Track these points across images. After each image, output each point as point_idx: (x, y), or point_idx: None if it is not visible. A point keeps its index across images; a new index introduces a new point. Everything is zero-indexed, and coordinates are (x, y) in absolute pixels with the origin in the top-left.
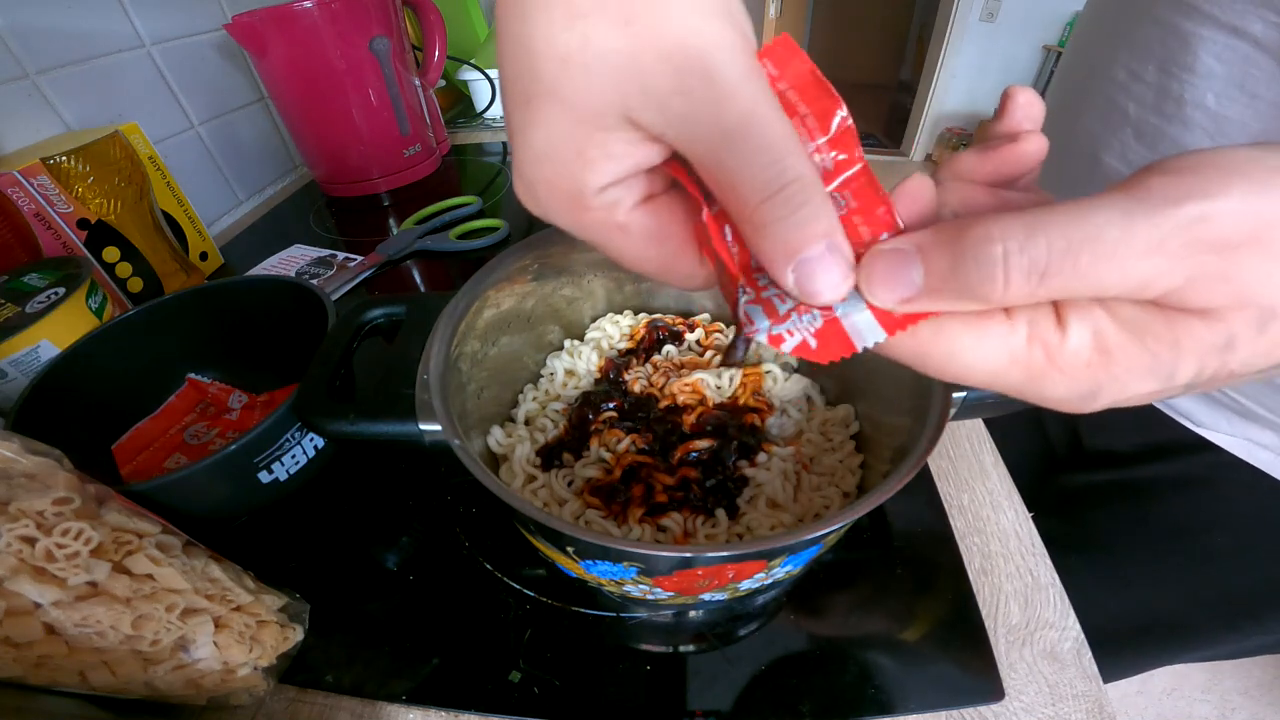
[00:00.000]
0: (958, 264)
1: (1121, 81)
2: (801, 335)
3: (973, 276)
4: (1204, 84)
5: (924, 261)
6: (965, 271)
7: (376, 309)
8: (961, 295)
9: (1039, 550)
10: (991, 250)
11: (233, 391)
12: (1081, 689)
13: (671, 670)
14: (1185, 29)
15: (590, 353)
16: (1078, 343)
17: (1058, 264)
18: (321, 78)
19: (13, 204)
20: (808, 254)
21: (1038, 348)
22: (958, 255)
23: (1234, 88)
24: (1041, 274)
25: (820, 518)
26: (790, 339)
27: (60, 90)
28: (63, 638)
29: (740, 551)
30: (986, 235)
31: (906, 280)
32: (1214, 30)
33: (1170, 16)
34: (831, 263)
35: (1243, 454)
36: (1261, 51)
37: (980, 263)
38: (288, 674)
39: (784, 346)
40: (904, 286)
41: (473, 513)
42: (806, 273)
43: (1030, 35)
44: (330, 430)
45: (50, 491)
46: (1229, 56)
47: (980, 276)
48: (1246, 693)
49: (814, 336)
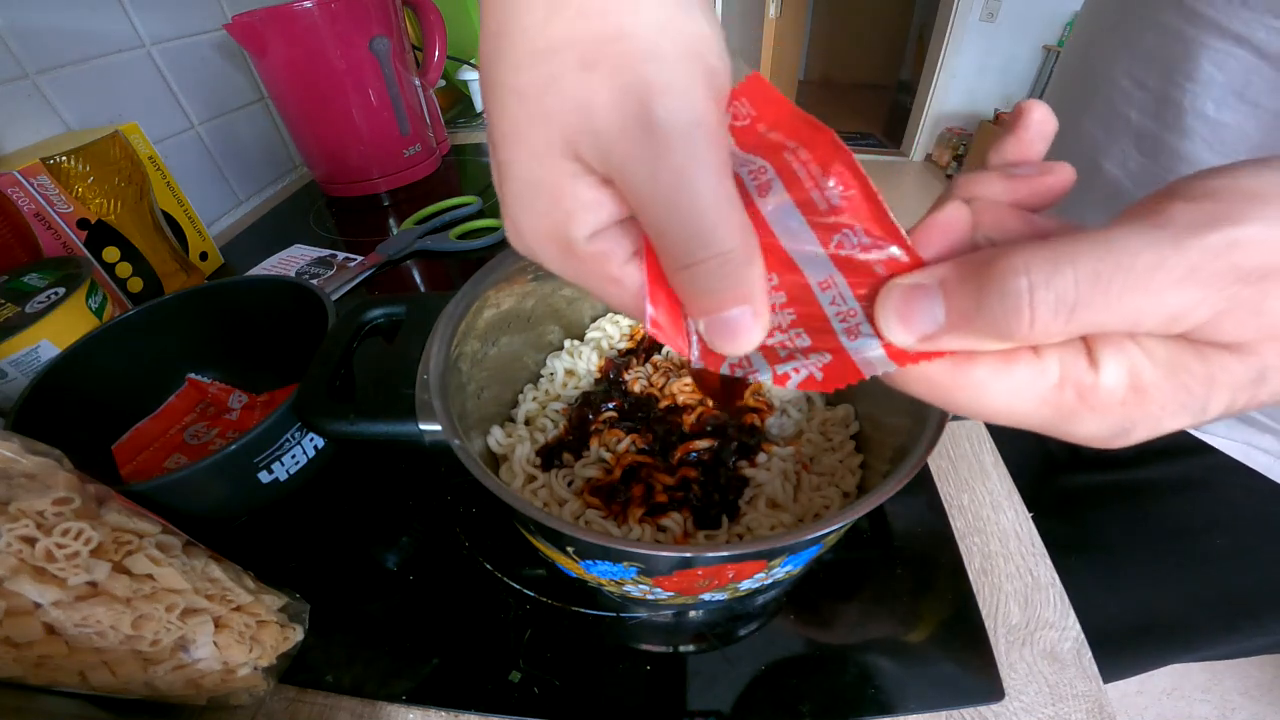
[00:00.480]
0: (982, 300)
1: (1124, 88)
2: (808, 371)
3: (997, 312)
4: (1204, 92)
5: (945, 297)
6: (989, 307)
7: (376, 309)
8: (986, 333)
9: (1039, 550)
10: (1017, 284)
11: (233, 391)
12: (1081, 689)
13: (671, 670)
14: (1188, 35)
15: (590, 353)
16: (1113, 382)
17: (1087, 297)
18: (321, 78)
19: (13, 204)
20: (721, 315)
21: (1070, 389)
22: (982, 291)
23: (1233, 96)
24: (1071, 308)
25: (820, 518)
26: (795, 376)
27: (60, 90)
28: (63, 638)
29: (740, 551)
30: (1011, 268)
31: (927, 317)
32: (1217, 38)
33: (1174, 22)
34: (741, 325)
35: (1241, 457)
36: (1264, 60)
37: (1005, 297)
38: (288, 674)
39: (789, 384)
40: (924, 323)
41: (473, 513)
42: (716, 329)
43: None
44: (330, 430)
45: (50, 491)
46: (1230, 64)
47: (1005, 311)
48: (1246, 693)
49: (820, 370)
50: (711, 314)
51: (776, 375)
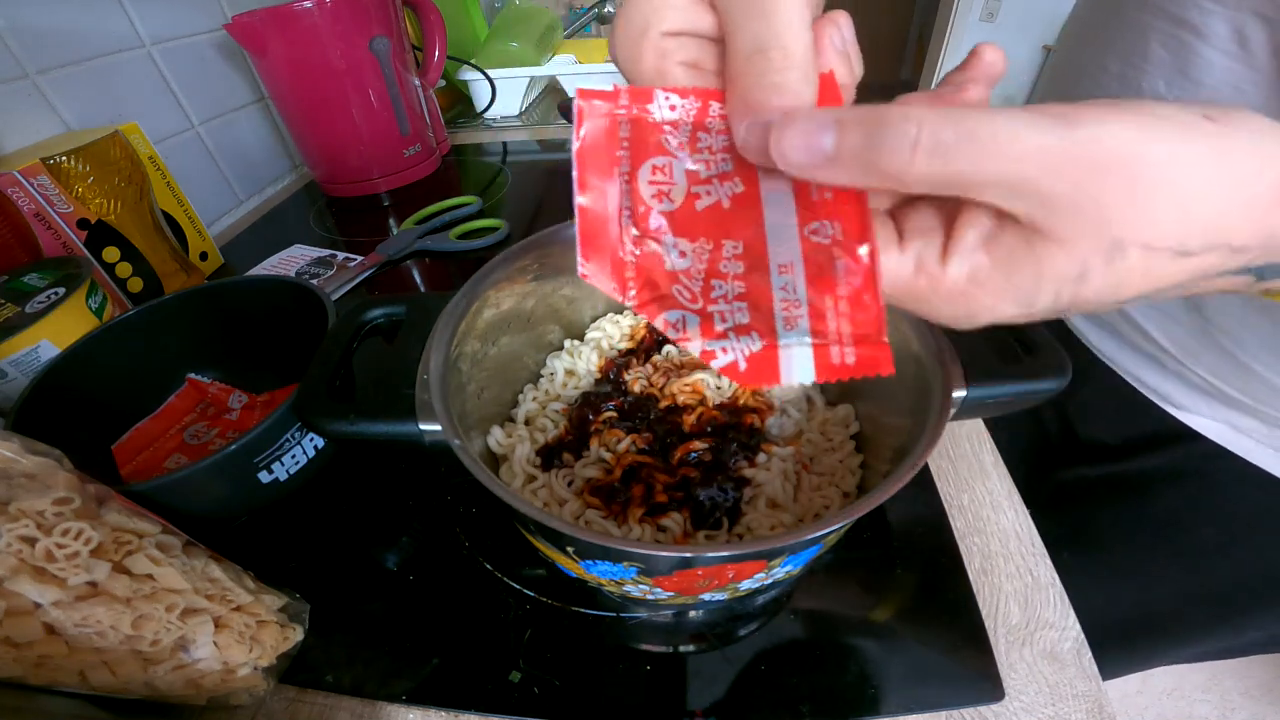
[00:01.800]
0: (871, 136)
1: (1092, 74)
2: (735, 355)
3: (883, 148)
4: (1156, 72)
5: (839, 131)
6: (877, 143)
7: (376, 309)
8: (868, 167)
9: (1039, 550)
10: (907, 128)
11: (233, 391)
12: (1081, 689)
13: (671, 670)
14: (1143, 20)
15: (590, 353)
16: (955, 274)
17: (959, 149)
18: (321, 78)
19: (13, 204)
20: (763, 119)
21: (923, 277)
22: (873, 129)
23: (1179, 75)
24: (945, 157)
25: (820, 518)
26: (722, 356)
27: (60, 90)
28: (63, 638)
29: (740, 551)
30: (904, 115)
31: (817, 146)
32: (1162, 20)
33: (1125, 8)
34: (783, 133)
35: (1227, 442)
36: (1200, 40)
37: (893, 137)
38: (288, 674)
39: (714, 363)
40: (814, 153)
41: (473, 513)
42: (757, 134)
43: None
44: (330, 430)
45: (50, 491)
46: (1174, 45)
47: (890, 149)
48: (1247, 693)
49: (746, 360)
50: (755, 110)
51: (705, 350)
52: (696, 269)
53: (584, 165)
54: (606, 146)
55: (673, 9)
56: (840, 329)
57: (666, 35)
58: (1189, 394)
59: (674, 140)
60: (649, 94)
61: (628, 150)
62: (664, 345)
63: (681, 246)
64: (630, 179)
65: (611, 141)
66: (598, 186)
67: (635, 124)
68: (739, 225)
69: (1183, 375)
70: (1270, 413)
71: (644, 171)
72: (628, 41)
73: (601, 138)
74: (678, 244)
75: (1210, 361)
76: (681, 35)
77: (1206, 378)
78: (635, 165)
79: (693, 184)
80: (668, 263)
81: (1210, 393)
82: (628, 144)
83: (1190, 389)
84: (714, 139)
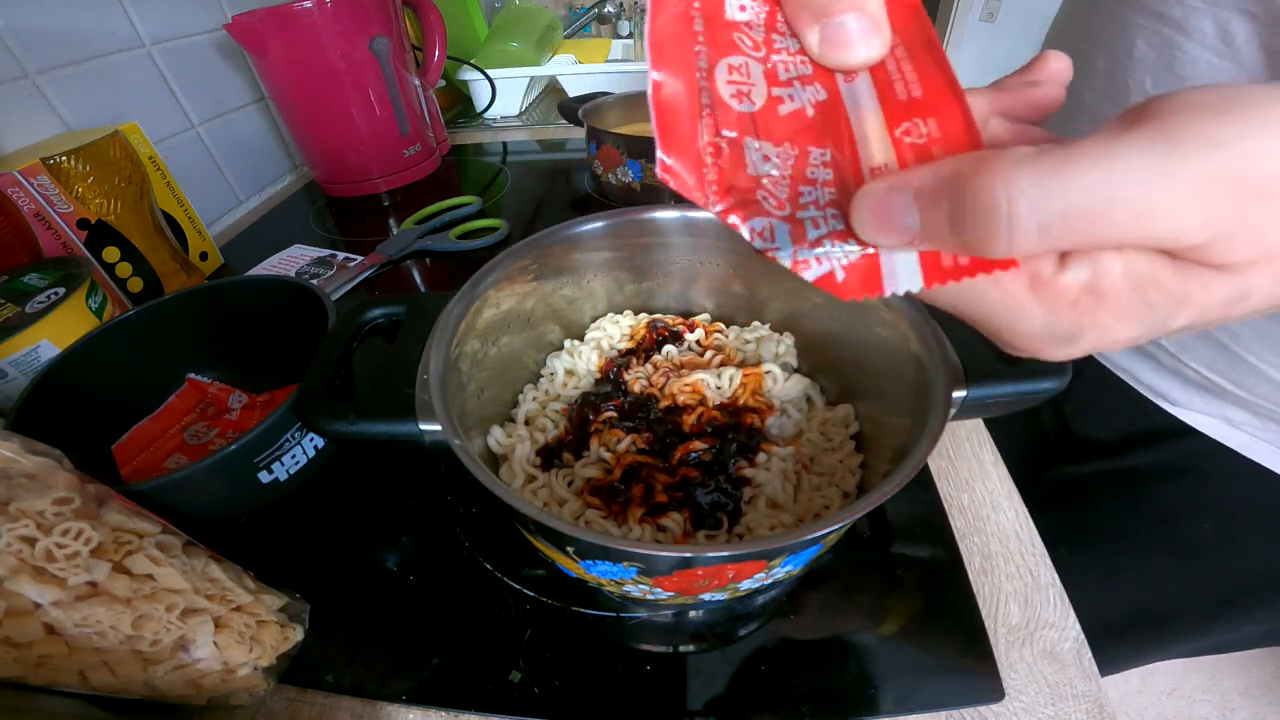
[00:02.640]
0: (957, 218)
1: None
2: (830, 265)
3: (971, 231)
4: (1141, 68)
5: (920, 207)
6: (964, 225)
7: (376, 309)
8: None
9: (1039, 550)
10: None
11: (233, 391)
12: (1081, 689)
13: (671, 670)
14: (1122, 16)
15: (590, 353)
16: (1072, 279)
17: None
18: (321, 78)
19: (13, 204)
20: (835, 19)
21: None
22: (956, 206)
23: (1165, 71)
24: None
25: (820, 518)
26: (816, 267)
27: (60, 90)
28: (63, 638)
29: (740, 551)
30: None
31: (900, 226)
32: (1145, 17)
33: (1110, 4)
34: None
35: (1221, 436)
36: (1185, 36)
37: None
38: (288, 674)
39: (806, 274)
40: (897, 232)
41: (473, 513)
42: (829, 34)
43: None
44: (330, 430)
45: (50, 491)
46: (1158, 41)
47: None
48: (1247, 693)
49: (844, 269)
50: (823, 18)
51: (797, 260)
52: (783, 174)
53: (658, 56)
54: (682, 38)
55: None
56: None
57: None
58: (1184, 389)
59: (748, 40)
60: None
61: (704, 45)
62: (664, 345)
63: (765, 150)
64: (709, 78)
65: (686, 34)
66: (674, 81)
67: (709, 20)
68: (825, 132)
69: (1177, 370)
70: (1264, 405)
71: (721, 70)
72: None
73: (676, 26)
74: (761, 147)
75: (1204, 354)
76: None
77: (1201, 371)
78: (713, 63)
79: (773, 86)
80: (750, 167)
81: (1205, 387)
82: (703, 39)
83: (1185, 384)
84: (788, 41)
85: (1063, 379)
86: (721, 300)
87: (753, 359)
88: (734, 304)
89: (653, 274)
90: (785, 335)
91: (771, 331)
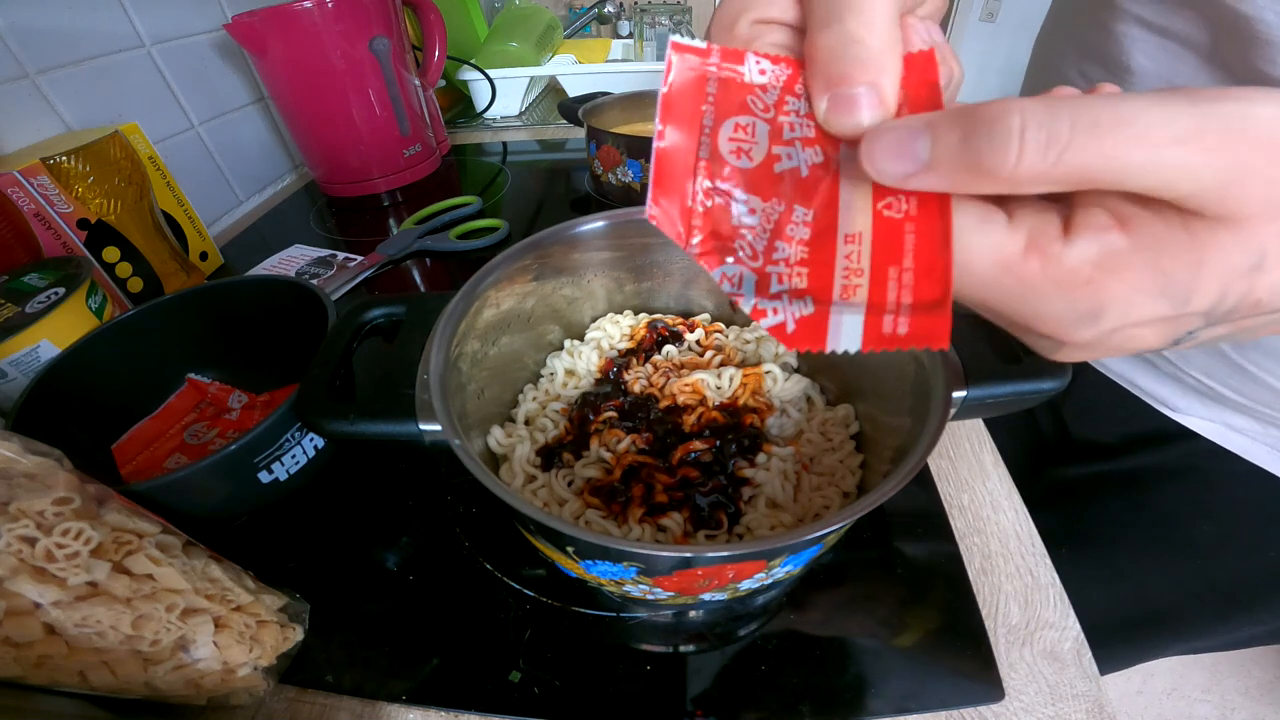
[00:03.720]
0: (970, 135)
1: (1073, 82)
2: (784, 316)
3: (984, 146)
4: (1140, 83)
5: (932, 135)
6: (976, 142)
7: (376, 309)
8: (969, 169)
9: (1039, 550)
10: (1009, 121)
11: (233, 391)
12: (1081, 689)
13: (671, 670)
14: (1118, 30)
15: (590, 353)
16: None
17: (1081, 141)
18: (321, 78)
19: (13, 204)
20: (845, 90)
21: (1035, 257)
22: (970, 127)
23: (1164, 85)
24: (1061, 149)
25: (820, 518)
26: (772, 316)
27: (60, 90)
28: (63, 638)
29: (740, 551)
30: (1005, 109)
31: (910, 153)
32: (1142, 30)
33: (1105, 18)
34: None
35: (1220, 439)
36: (1186, 48)
37: (994, 133)
38: (288, 674)
39: (763, 322)
40: (908, 160)
41: (473, 513)
42: (838, 101)
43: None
44: (330, 430)
45: (50, 491)
46: (1158, 55)
47: (992, 146)
48: (1247, 693)
49: (795, 322)
50: (836, 87)
51: (756, 308)
52: (763, 228)
53: (667, 112)
54: (692, 98)
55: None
56: (900, 299)
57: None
58: (1184, 396)
59: (760, 103)
60: (740, 56)
61: (713, 105)
62: (664, 345)
63: (752, 204)
64: (712, 134)
65: (698, 94)
66: (677, 135)
67: (724, 83)
68: (813, 193)
69: (1177, 377)
70: (1266, 412)
71: (726, 128)
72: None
73: (688, 88)
74: (749, 200)
75: (1203, 363)
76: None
77: (1201, 379)
78: (718, 121)
79: (774, 145)
80: (734, 218)
81: (1205, 394)
82: (713, 99)
83: (1185, 390)
84: (800, 103)
85: (1063, 379)
86: (721, 300)
87: (753, 359)
88: None
89: (653, 274)
90: None
91: None
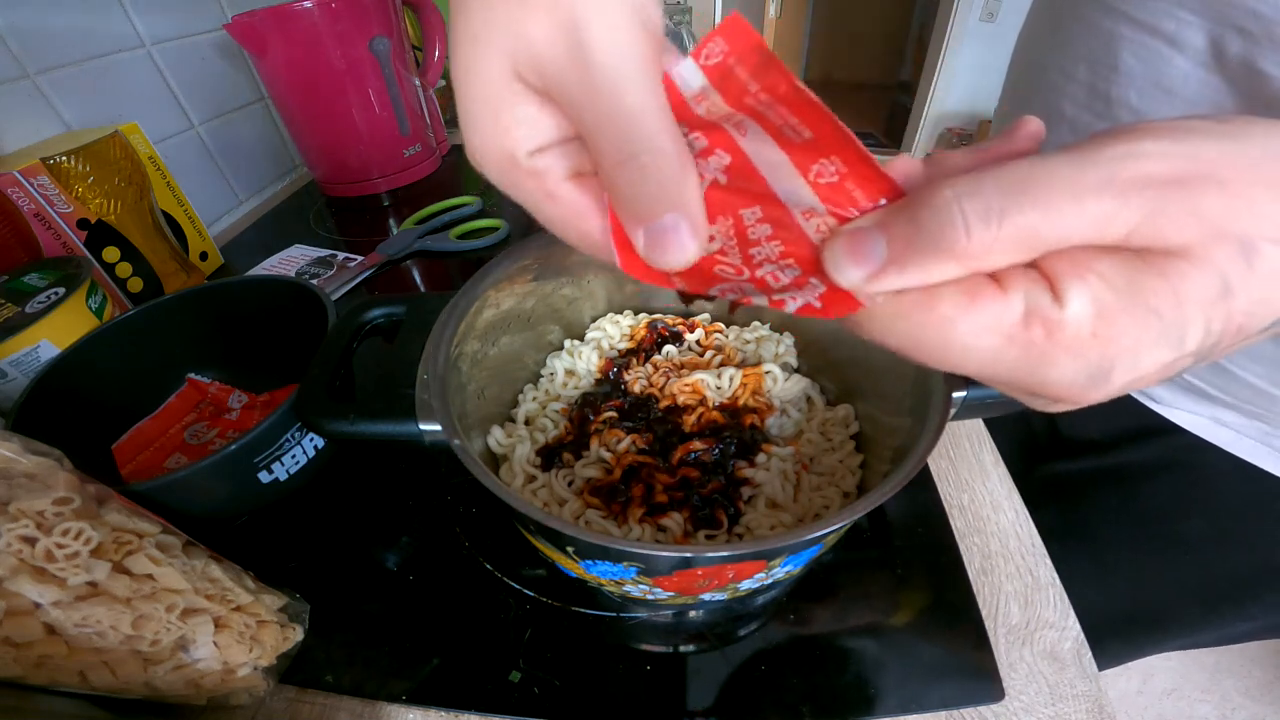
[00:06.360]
0: (915, 222)
1: (1057, 82)
2: (804, 301)
3: (932, 228)
4: (1126, 82)
5: (885, 231)
6: (924, 225)
7: (376, 309)
8: (926, 254)
9: (1039, 550)
10: (943, 196)
11: (233, 391)
12: (1081, 689)
13: (671, 670)
14: (1106, 28)
15: (590, 353)
16: (1079, 311)
17: (1014, 202)
18: (321, 78)
19: (13, 204)
20: (656, 223)
21: (1037, 325)
22: (915, 213)
23: (1152, 86)
24: (1000, 214)
25: (820, 518)
26: (792, 304)
27: (60, 90)
28: (63, 638)
29: (740, 551)
30: (937, 188)
31: (870, 254)
32: (1132, 29)
33: (1094, 15)
34: (677, 235)
35: (1205, 433)
36: (1176, 50)
37: (936, 211)
38: (288, 674)
39: (788, 308)
40: (869, 261)
41: (473, 513)
42: (653, 239)
43: None
44: (330, 430)
45: (50, 491)
46: (1146, 55)
47: (939, 224)
48: (1247, 693)
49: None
50: (646, 221)
51: (773, 300)
52: (729, 244)
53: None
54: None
55: (523, 125)
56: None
57: (534, 155)
58: (1169, 390)
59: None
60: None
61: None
62: (664, 345)
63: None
64: None
65: None
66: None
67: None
68: (745, 194)
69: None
70: (1248, 408)
71: None
72: (498, 171)
73: None
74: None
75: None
76: (548, 149)
77: (1185, 377)
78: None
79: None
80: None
81: (1190, 390)
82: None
83: (1171, 386)
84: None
85: None
86: (721, 300)
87: (753, 359)
88: None
89: None
90: (785, 335)
91: (771, 331)
